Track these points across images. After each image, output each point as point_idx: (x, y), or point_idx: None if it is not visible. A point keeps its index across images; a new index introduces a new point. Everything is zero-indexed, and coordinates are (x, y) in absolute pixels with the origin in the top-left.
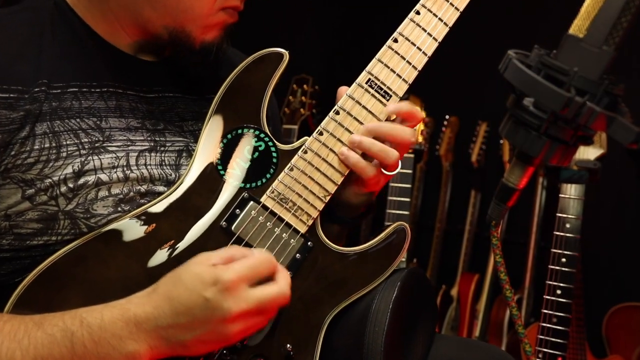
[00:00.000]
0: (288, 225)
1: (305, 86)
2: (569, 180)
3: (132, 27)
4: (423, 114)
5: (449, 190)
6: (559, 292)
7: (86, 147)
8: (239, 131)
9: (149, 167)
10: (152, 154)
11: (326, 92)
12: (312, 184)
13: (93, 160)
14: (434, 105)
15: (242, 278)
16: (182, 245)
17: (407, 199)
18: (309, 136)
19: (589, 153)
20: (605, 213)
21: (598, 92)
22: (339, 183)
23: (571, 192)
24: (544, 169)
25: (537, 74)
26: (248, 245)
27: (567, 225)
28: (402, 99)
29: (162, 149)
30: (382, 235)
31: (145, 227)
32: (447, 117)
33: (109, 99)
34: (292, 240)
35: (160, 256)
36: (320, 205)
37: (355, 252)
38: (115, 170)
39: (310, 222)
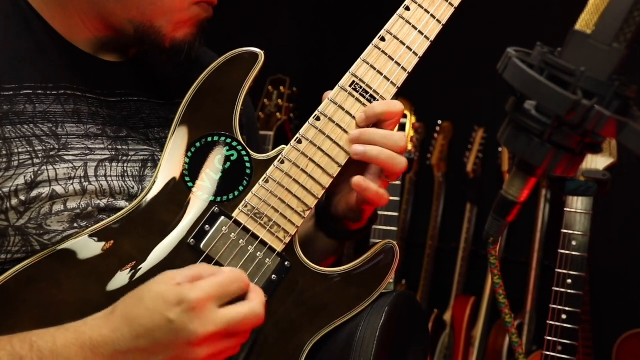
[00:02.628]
0: (263, 243)
1: (281, 88)
2: (575, 192)
3: (94, 20)
4: (402, 106)
5: (442, 204)
6: (564, 317)
7: (40, 155)
8: (209, 139)
9: (109, 178)
10: (114, 164)
11: (305, 95)
12: (290, 197)
13: (47, 170)
14: (425, 110)
15: (210, 297)
16: (145, 265)
17: (395, 214)
18: (287, 144)
19: (597, 162)
20: (615, 229)
21: (608, 94)
22: (319, 196)
23: (578, 205)
24: (547, 180)
25: (539, 74)
26: (218, 264)
27: (573, 243)
28: None
29: (125, 158)
30: (368, 254)
31: (105, 245)
32: (439, 122)
33: (66, 102)
34: (268, 259)
35: (121, 277)
36: (299, 221)
37: (338, 274)
38: (71, 181)
39: (287, 240)
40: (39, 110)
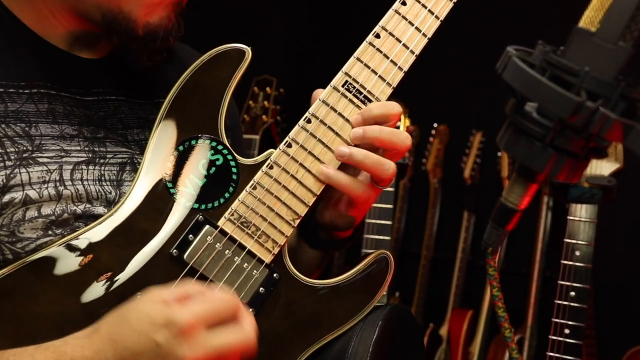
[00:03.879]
0: (250, 253)
1: (268, 89)
2: (578, 199)
3: (63, 12)
4: (400, 108)
5: (438, 212)
6: (567, 331)
7: (12, 157)
8: (193, 142)
9: (85, 182)
10: (90, 167)
11: (292, 96)
12: (279, 205)
13: (20, 173)
14: (419, 112)
15: (200, 320)
16: (124, 277)
17: (389, 222)
18: (275, 148)
19: (602, 168)
20: (621, 238)
21: (613, 95)
22: (310, 204)
23: (581, 213)
24: (549, 187)
25: (541, 75)
26: (203, 277)
27: (577, 253)
28: None
29: (102, 161)
30: (361, 266)
31: (82, 255)
32: (435, 125)
33: (39, 101)
34: (255, 271)
35: (99, 289)
36: (289, 231)
37: (329, 286)
38: (46, 185)
39: (276, 250)
40: (11, 110)
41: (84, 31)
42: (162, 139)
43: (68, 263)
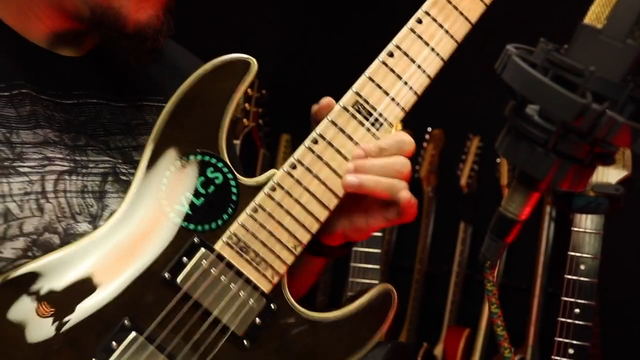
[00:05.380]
0: (248, 281)
1: (249, 91)
2: (583, 209)
3: (46, 10)
4: (412, 142)
5: (432, 222)
6: (571, 351)
7: None
8: (191, 157)
9: (68, 194)
10: (73, 178)
11: (275, 99)
12: (281, 231)
13: (1, 184)
14: (412, 115)
15: None
16: (110, 299)
17: (379, 234)
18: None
19: (609, 175)
20: (629, 251)
21: (621, 97)
22: (314, 232)
23: (587, 224)
24: (552, 196)
25: (543, 75)
26: (197, 304)
27: (582, 267)
28: None
29: (84, 171)
30: (363, 300)
31: (64, 276)
32: (429, 129)
33: (20, 104)
34: (252, 300)
35: (81, 312)
36: (290, 259)
37: (329, 320)
38: (27, 198)
39: (276, 280)
40: None
41: (67, 29)
42: (158, 153)
43: (49, 285)
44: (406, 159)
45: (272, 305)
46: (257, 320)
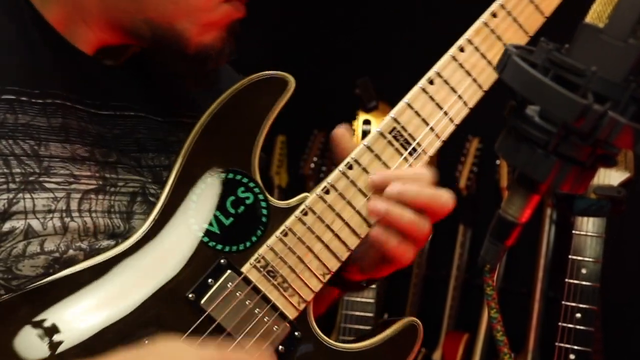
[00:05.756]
0: (274, 307)
1: None
2: (585, 212)
3: (100, 24)
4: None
5: None
6: (572, 356)
7: (17, 180)
8: (222, 176)
9: (94, 214)
10: (100, 197)
11: None
12: (310, 257)
13: (24, 199)
14: None
15: None
16: (131, 318)
17: None
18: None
19: (611, 177)
20: (631, 254)
21: (623, 98)
22: (343, 259)
23: (588, 227)
24: (553, 198)
25: (543, 75)
26: (220, 327)
27: (583, 271)
28: (370, 108)
29: (113, 189)
30: (388, 332)
31: (87, 291)
32: None
33: (53, 115)
34: (276, 327)
35: (103, 333)
36: (317, 286)
37: (353, 352)
38: (51, 216)
39: (302, 307)
40: (21, 123)
41: (117, 44)
42: (189, 169)
43: (67, 298)
44: (439, 193)
45: (296, 333)
46: (281, 347)
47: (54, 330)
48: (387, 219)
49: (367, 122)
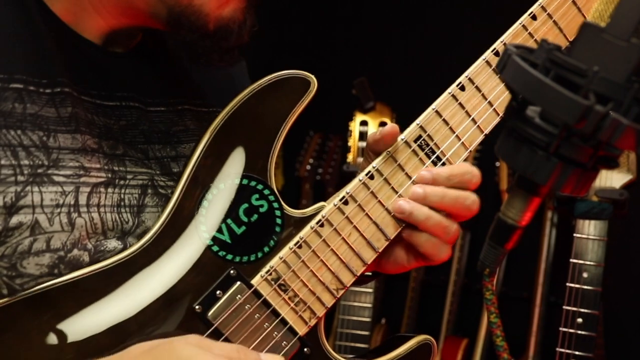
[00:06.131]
0: (283, 322)
1: None
2: (586, 215)
3: (109, 7)
4: (479, 176)
5: None
6: None
7: (25, 172)
8: (236, 181)
9: (102, 209)
10: (109, 190)
11: None
12: (324, 271)
13: (32, 192)
14: (408, 117)
15: None
16: (135, 328)
17: None
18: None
19: (613, 179)
20: (634, 258)
21: (625, 98)
22: (358, 274)
23: (590, 230)
24: (553, 201)
25: (544, 75)
26: (227, 341)
27: (585, 275)
28: (367, 109)
29: (122, 182)
30: (401, 350)
31: (89, 299)
32: None
33: (61, 104)
34: (285, 342)
35: (104, 342)
36: (330, 302)
37: None
38: (59, 211)
39: (312, 322)
40: (29, 113)
41: (126, 27)
42: (201, 172)
43: (74, 306)
44: (475, 195)
45: (305, 350)
46: None
47: (56, 336)
48: (412, 220)
49: (364, 122)
